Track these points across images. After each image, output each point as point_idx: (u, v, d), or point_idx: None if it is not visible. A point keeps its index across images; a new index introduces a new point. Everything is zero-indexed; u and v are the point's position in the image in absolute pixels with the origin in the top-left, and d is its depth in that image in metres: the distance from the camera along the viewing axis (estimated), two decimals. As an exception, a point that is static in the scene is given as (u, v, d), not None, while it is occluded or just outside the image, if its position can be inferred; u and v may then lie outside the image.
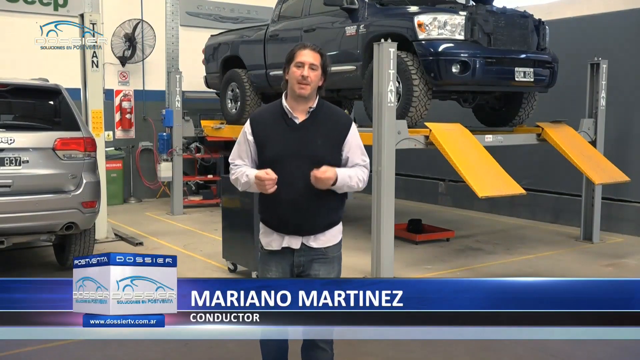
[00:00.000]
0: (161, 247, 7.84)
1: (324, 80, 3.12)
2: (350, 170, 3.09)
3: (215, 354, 4.36)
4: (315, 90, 3.09)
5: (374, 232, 6.36)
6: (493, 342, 4.43)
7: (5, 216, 5.57)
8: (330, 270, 3.15)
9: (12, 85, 6.01)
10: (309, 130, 3.07)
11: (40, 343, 4.37)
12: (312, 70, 3.03)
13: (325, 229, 3.13)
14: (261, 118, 3.18)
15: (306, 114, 3.09)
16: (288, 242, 3.11)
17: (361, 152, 3.19)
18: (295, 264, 3.12)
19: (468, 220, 9.63)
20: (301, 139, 3.05)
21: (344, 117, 3.20)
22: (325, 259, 3.13)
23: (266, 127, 3.12)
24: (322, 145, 3.06)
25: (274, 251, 3.15)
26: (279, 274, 3.14)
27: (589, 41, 8.75)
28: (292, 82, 3.06)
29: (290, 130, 3.07)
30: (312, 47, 3.08)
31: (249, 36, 9.39)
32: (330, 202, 3.09)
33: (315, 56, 3.05)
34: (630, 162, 8.32)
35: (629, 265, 7.16)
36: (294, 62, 3.05)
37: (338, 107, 3.28)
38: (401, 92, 6.70)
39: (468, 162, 6.44)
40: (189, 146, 10.95)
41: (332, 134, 3.10)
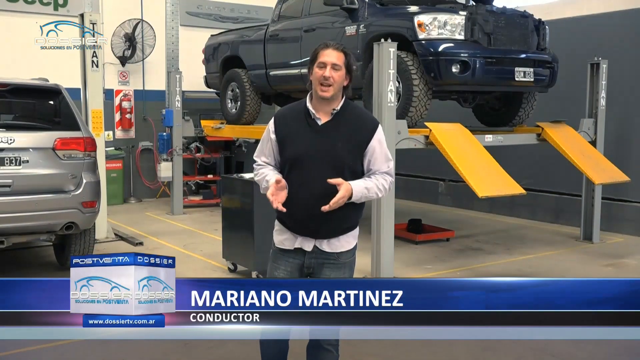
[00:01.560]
0: (161, 247, 7.84)
1: (349, 80, 3.02)
2: (369, 182, 2.98)
3: (215, 354, 4.36)
4: (339, 91, 2.99)
5: (374, 232, 6.36)
6: (493, 342, 4.43)
7: (5, 216, 5.57)
8: (341, 275, 3.07)
9: (12, 85, 6.01)
10: (330, 133, 2.97)
11: (40, 343, 4.37)
12: (334, 70, 2.93)
13: (339, 234, 3.05)
14: (285, 117, 3.09)
15: (330, 115, 3.01)
16: (301, 243, 3.04)
17: (385, 158, 3.06)
18: (305, 265, 3.06)
19: (468, 220, 9.63)
20: (322, 142, 2.96)
21: (369, 121, 3.09)
22: (336, 264, 3.06)
23: (289, 126, 3.03)
24: (342, 148, 2.96)
25: (285, 250, 3.09)
26: (287, 273, 3.08)
27: (589, 41, 8.75)
28: (314, 83, 2.97)
29: (311, 132, 2.98)
30: (335, 46, 2.98)
31: (249, 36, 9.39)
32: (346, 209, 2.95)
33: (338, 55, 2.95)
34: (630, 162, 8.33)
35: (629, 265, 7.16)
36: (317, 62, 2.96)
37: (365, 110, 3.17)
38: (401, 92, 6.69)
39: (468, 162, 6.44)
40: (189, 146, 10.95)
41: (354, 138, 2.99)
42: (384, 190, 3.03)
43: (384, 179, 3.03)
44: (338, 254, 3.06)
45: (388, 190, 3.07)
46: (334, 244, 3.05)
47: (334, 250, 3.05)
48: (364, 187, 2.95)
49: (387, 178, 3.05)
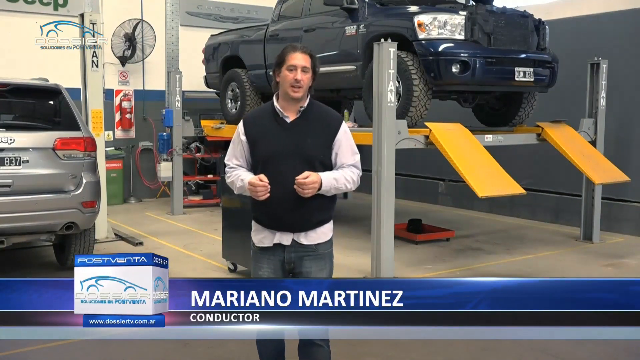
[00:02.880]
0: (161, 247, 7.84)
1: (314, 80, 3.18)
2: (337, 173, 3.12)
3: (215, 354, 4.36)
4: (307, 91, 3.15)
5: (374, 232, 6.36)
6: (493, 342, 4.43)
7: (5, 216, 5.56)
8: (322, 266, 3.20)
9: (12, 85, 6.00)
10: (299, 129, 3.12)
11: (40, 343, 4.37)
12: (304, 72, 3.09)
13: (316, 226, 3.17)
14: (254, 118, 3.24)
15: (297, 113, 3.15)
16: (279, 238, 3.15)
17: (352, 151, 3.21)
18: (286, 260, 3.17)
19: (468, 220, 9.63)
20: (292, 138, 3.10)
21: (334, 116, 3.24)
22: (315, 255, 3.18)
23: (258, 127, 3.17)
24: (312, 143, 3.11)
25: (265, 248, 3.20)
26: (270, 271, 3.19)
27: (589, 41, 8.75)
28: (284, 85, 3.10)
29: (281, 130, 3.13)
30: (302, 50, 3.12)
31: (249, 36, 9.39)
32: (319, 200, 3.11)
33: (306, 58, 3.10)
34: (630, 162, 8.33)
35: (629, 265, 7.16)
36: (286, 65, 3.09)
37: (328, 107, 3.33)
38: (401, 92, 6.70)
39: (468, 162, 6.44)
40: (189, 146, 10.95)
41: (322, 133, 3.15)
42: (352, 181, 3.17)
43: (351, 171, 3.17)
44: (316, 245, 3.18)
45: (356, 183, 3.20)
46: (311, 236, 3.16)
47: (312, 242, 3.17)
48: (333, 177, 3.09)
49: (354, 170, 3.19)
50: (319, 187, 3.03)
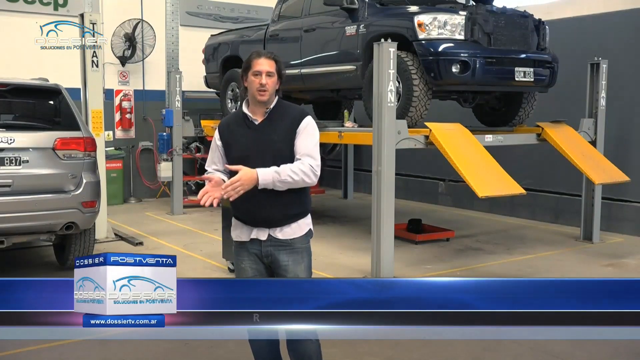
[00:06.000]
0: (161, 247, 7.85)
1: (280, 83, 3.31)
2: (282, 166, 3.15)
3: (215, 354, 4.37)
4: (273, 94, 3.28)
5: (374, 232, 6.37)
6: (493, 342, 4.43)
7: (5, 216, 5.57)
8: (299, 260, 3.29)
9: (12, 85, 6.01)
10: (266, 129, 3.26)
11: (40, 343, 4.37)
12: (269, 77, 3.22)
13: (290, 221, 3.27)
14: (228, 124, 3.40)
15: (264, 115, 3.28)
16: (256, 234, 3.28)
17: (306, 143, 3.24)
18: (263, 253, 3.29)
19: (468, 220, 9.63)
20: (260, 138, 3.25)
21: (297, 112, 3.34)
22: (291, 249, 3.27)
23: (231, 131, 3.34)
24: (279, 140, 3.23)
25: (243, 242, 3.34)
26: (250, 263, 3.33)
27: (589, 41, 8.75)
28: (251, 89, 3.24)
29: (250, 131, 3.28)
30: (266, 55, 3.26)
31: (249, 36, 9.39)
32: (291, 196, 3.21)
33: (270, 63, 3.23)
34: (630, 162, 8.33)
35: (629, 265, 7.16)
36: (252, 71, 3.23)
37: (294, 105, 3.46)
38: (401, 92, 6.70)
39: (468, 162, 6.44)
40: (189, 146, 10.95)
41: (286, 129, 3.25)
42: (300, 173, 3.15)
43: (301, 162, 3.20)
44: (291, 240, 3.28)
45: (310, 174, 3.18)
46: (286, 232, 3.27)
47: (287, 237, 3.27)
48: (273, 170, 3.12)
49: (304, 162, 3.19)
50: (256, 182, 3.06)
